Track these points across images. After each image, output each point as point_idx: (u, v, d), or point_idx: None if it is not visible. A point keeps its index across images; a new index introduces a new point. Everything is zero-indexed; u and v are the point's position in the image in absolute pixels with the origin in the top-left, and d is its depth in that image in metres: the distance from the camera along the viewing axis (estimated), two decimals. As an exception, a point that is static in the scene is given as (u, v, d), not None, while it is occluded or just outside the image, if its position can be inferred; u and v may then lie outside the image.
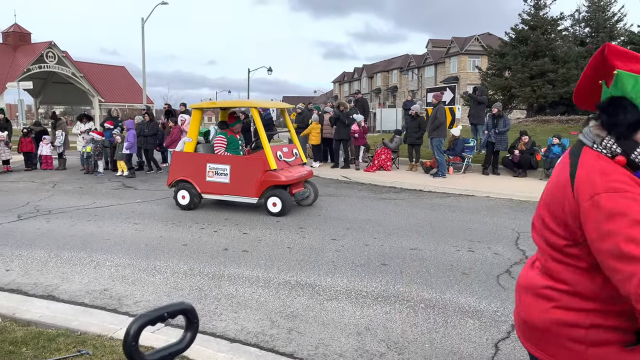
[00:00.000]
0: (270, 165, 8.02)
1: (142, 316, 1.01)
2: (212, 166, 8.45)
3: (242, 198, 8.33)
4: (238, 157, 8.52)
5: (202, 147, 9.14)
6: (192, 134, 8.83)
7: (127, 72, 44.57)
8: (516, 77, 24.94)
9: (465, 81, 50.34)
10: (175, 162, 8.93)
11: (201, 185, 8.52)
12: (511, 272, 5.32)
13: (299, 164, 8.99)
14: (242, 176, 8.23)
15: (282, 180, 8.06)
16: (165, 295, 4.72)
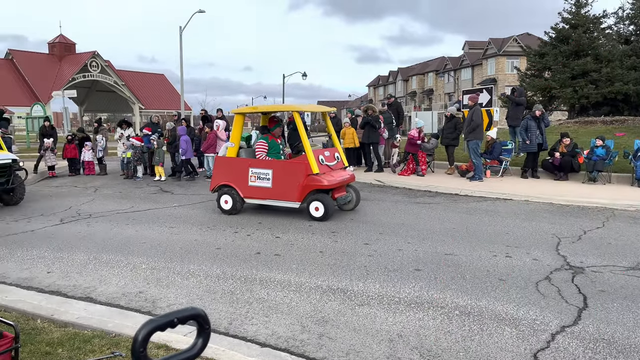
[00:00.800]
0: (312, 170, 7.93)
1: (150, 322, 0.99)
2: (255, 171, 8.41)
3: (284, 202, 8.27)
4: (280, 162, 8.47)
5: (244, 152, 9.10)
6: (234, 138, 8.83)
7: (166, 79, 45.72)
8: (557, 77, 24.17)
9: (503, 83, 49.24)
10: (218, 167, 8.91)
11: (244, 189, 8.51)
12: (551, 279, 5.11)
13: (340, 167, 8.84)
14: (284, 180, 8.17)
15: (324, 185, 7.96)
16: (198, 298, 4.76)
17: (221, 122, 14.41)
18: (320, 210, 7.96)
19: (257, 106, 9.47)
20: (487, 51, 53.74)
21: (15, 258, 6.24)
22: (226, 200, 8.63)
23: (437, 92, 64.88)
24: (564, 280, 5.07)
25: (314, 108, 10.24)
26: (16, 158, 10.12)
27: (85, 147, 15.48)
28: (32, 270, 5.71)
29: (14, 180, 9.81)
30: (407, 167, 13.82)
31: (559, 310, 4.29)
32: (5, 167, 9.69)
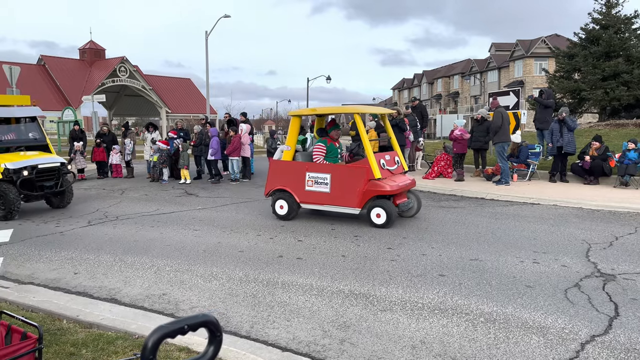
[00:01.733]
0: (374, 174, 7.62)
1: (160, 328, 0.97)
2: (312, 175, 8.14)
3: (343, 208, 7.97)
4: (339, 166, 8.16)
5: (301, 156, 8.83)
6: (290, 142, 8.55)
7: (192, 83, 46.38)
8: (587, 79, 23.60)
9: (531, 85, 48.36)
10: (273, 171, 8.64)
11: (300, 194, 8.25)
12: (581, 286, 4.96)
13: (400, 172, 8.50)
14: (344, 185, 7.88)
15: (387, 190, 7.63)
16: (220, 301, 4.77)
17: (245, 126, 14.51)
18: (382, 217, 7.66)
19: (315, 108, 9.06)
20: (514, 53, 52.87)
21: (44, 259, 6.39)
22: (281, 205, 8.44)
23: (463, 94, 64.13)
24: (595, 287, 4.91)
25: (374, 110, 9.67)
26: (64, 161, 10.14)
27: (113, 151, 15.81)
28: (59, 271, 5.83)
29: (63, 183, 9.79)
30: (431, 170, 13.66)
31: (589, 319, 4.15)
32: (54, 170, 9.66)
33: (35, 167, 9.24)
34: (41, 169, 9.35)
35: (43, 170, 9.39)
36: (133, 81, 37.41)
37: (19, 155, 9.40)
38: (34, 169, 9.20)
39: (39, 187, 9.32)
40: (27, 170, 9.06)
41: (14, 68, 15.31)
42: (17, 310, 4.50)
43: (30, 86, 30.21)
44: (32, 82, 32.12)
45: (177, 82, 44.96)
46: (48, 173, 9.51)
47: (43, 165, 9.40)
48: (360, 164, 7.99)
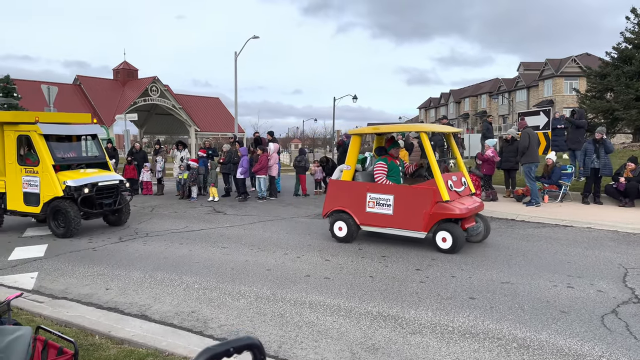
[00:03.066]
0: (442, 196, 7.22)
1: (207, 350, 0.99)
2: (373, 196, 7.80)
3: (407, 232, 7.57)
4: (403, 187, 7.77)
5: (361, 176, 8.51)
6: (350, 161, 8.28)
7: (220, 102, 47.20)
8: (620, 99, 23.11)
9: (561, 104, 47.56)
10: (332, 191, 8.38)
11: (360, 216, 7.94)
12: (618, 312, 4.79)
13: (468, 194, 8.06)
14: (408, 207, 7.50)
15: (456, 214, 7.19)
16: (248, 320, 4.78)
17: (273, 145, 14.66)
18: (449, 242, 7.26)
19: (378, 126, 8.63)
20: (543, 72, 52.20)
21: (77, 274, 6.53)
22: (340, 227, 8.13)
23: (491, 114, 63.43)
24: (633, 314, 4.74)
25: (438, 128, 9.07)
26: (123, 179, 10.15)
27: (144, 168, 16.15)
28: (92, 287, 5.94)
29: (121, 201, 9.83)
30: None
31: (627, 347, 4.00)
32: (113, 187, 9.69)
33: (96, 185, 9.30)
34: (101, 187, 9.41)
35: (103, 188, 9.46)
36: (164, 100, 38.32)
37: (80, 173, 9.44)
38: (94, 187, 9.26)
39: (98, 205, 9.38)
40: (87, 187, 9.11)
41: (51, 88, 15.88)
42: (52, 325, 4.60)
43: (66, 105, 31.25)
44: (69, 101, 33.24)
45: (206, 101, 45.84)
46: (107, 191, 9.58)
47: (103, 183, 9.47)
48: (426, 185, 7.56)
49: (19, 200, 9.42)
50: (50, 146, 9.25)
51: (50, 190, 9.01)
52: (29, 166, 9.26)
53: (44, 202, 9.09)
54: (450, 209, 7.23)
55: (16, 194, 9.44)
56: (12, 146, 9.41)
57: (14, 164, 9.42)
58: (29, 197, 9.28)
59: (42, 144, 9.13)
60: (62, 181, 8.99)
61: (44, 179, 9.08)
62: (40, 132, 9.08)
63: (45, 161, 9.04)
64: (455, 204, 7.34)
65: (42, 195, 9.10)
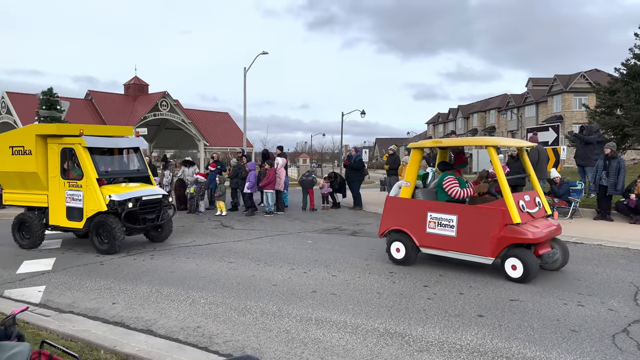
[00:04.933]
0: (512, 219, 6.50)
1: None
2: (435, 216, 7.17)
3: (472, 256, 6.89)
4: (468, 207, 7.13)
5: (421, 193, 7.86)
6: (410, 177, 7.71)
7: (229, 117, 47.56)
8: (630, 114, 22.99)
9: (570, 120, 47.39)
10: (389, 209, 7.81)
11: (420, 237, 7.32)
12: (629, 331, 4.70)
13: (542, 216, 7.25)
14: (473, 230, 6.82)
15: (529, 238, 6.44)
16: (254, 335, 4.75)
17: (280, 159, 14.71)
18: (519, 270, 6.45)
19: (442, 139, 8.05)
20: (552, 88, 52.12)
21: (84, 288, 6.54)
22: (398, 248, 7.54)
23: (500, 129, 63.30)
24: (645, 334, 4.65)
25: (510, 142, 8.26)
26: (166, 193, 9.91)
27: (152, 182, 16.26)
28: (98, 301, 5.94)
29: (164, 217, 9.58)
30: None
31: (640, 368, 3.91)
32: (156, 202, 9.44)
33: (139, 199, 9.07)
34: (144, 201, 9.17)
35: (146, 203, 9.22)
36: (173, 115, 38.67)
37: (123, 187, 9.22)
38: (138, 201, 9.01)
39: (141, 220, 9.14)
40: (131, 202, 8.88)
41: (64, 103, 16.13)
42: (57, 339, 4.60)
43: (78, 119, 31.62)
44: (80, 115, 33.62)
45: (216, 115, 46.20)
46: (150, 205, 9.34)
47: (146, 198, 9.24)
48: (494, 205, 6.82)
49: (61, 215, 9.16)
50: (94, 159, 9.02)
51: (94, 204, 8.75)
52: (72, 180, 9.02)
53: (87, 217, 8.83)
54: (521, 232, 6.45)
55: (59, 209, 9.18)
56: (56, 159, 9.14)
57: (57, 178, 9.17)
58: (72, 212, 9.02)
59: (87, 157, 8.88)
60: (105, 195, 8.75)
61: (87, 193, 8.82)
62: (85, 144, 8.84)
63: (90, 175, 8.80)
64: (528, 227, 6.56)
65: (86, 210, 8.84)
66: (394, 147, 16.21)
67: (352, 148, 16.76)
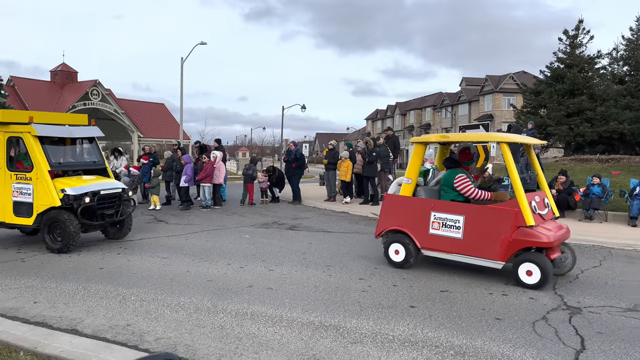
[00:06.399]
0: (525, 221, 6.08)
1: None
2: (439, 216, 6.69)
3: (480, 260, 6.42)
4: (476, 207, 6.57)
5: (423, 191, 7.30)
6: (411, 173, 7.13)
7: (165, 108, 46.12)
8: (552, 115, 24.51)
9: (500, 119, 49.81)
10: (388, 207, 7.30)
11: (422, 238, 6.84)
12: (548, 319, 5.02)
13: (551, 217, 6.86)
14: (482, 231, 6.36)
15: (543, 242, 6.02)
16: (187, 332, 4.64)
17: (218, 152, 14.45)
18: (535, 276, 6.02)
19: (449, 134, 7.43)
20: (484, 88, 54.57)
21: (2, 287, 6.11)
22: (397, 250, 7.07)
23: (435, 127, 65.49)
24: (561, 320, 4.98)
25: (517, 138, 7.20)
26: (125, 187, 9.20)
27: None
28: (18, 300, 5.58)
29: (123, 212, 8.95)
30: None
31: (556, 352, 4.18)
32: (115, 196, 8.78)
33: (97, 194, 8.37)
34: (103, 195, 8.49)
35: (104, 197, 8.54)
36: (105, 105, 36.96)
37: (78, 180, 8.44)
38: (96, 195, 8.32)
39: (99, 216, 8.45)
40: (88, 196, 8.17)
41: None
42: (-30, 341, 4.28)
43: (-3, 107, 29.53)
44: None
45: (151, 106, 44.64)
46: (109, 200, 8.66)
47: (105, 192, 8.54)
48: (507, 205, 6.38)
49: (7, 211, 8.31)
50: (45, 150, 8.22)
51: (45, 199, 8.02)
52: (20, 172, 8.23)
53: (37, 213, 8.09)
54: (536, 236, 6.04)
55: (5, 204, 8.32)
56: (1, 149, 8.32)
57: (2, 170, 8.35)
58: (20, 207, 8.20)
59: (37, 147, 8.08)
60: (59, 189, 8.04)
61: (38, 186, 8.06)
62: (35, 133, 8.07)
63: (41, 166, 8.04)
64: (541, 229, 6.17)
65: (36, 205, 8.09)
66: (333, 142, 16.34)
67: (291, 142, 16.74)
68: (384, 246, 7.27)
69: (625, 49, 29.02)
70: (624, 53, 28.91)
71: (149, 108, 43.86)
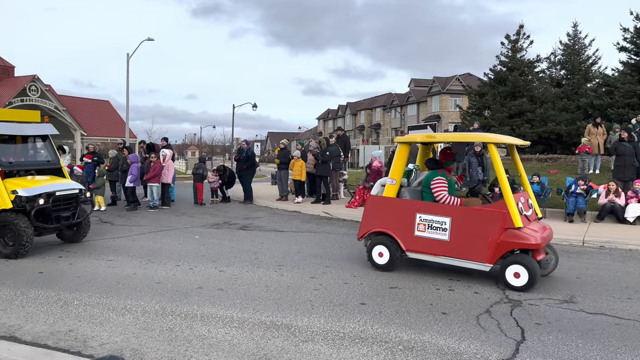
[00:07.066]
0: (514, 222, 6.03)
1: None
2: (425, 217, 6.55)
3: (467, 262, 6.32)
4: (464, 208, 6.47)
5: (407, 192, 7.14)
6: (395, 174, 6.98)
7: (110, 106, 44.58)
8: (495, 116, 25.54)
9: (447, 119, 51.32)
10: (371, 208, 7.10)
11: (407, 240, 6.67)
12: (491, 312, 5.23)
13: (535, 218, 6.81)
14: (469, 233, 6.27)
15: (531, 244, 6.00)
16: (134, 336, 4.51)
17: (168, 151, 14.12)
18: (523, 278, 5.95)
19: (434, 134, 7.29)
20: (431, 89, 56.06)
21: None
22: (380, 252, 6.87)
23: (385, 126, 66.68)
24: (503, 313, 5.20)
25: (503, 139, 7.09)
26: (82, 188, 8.64)
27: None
28: (-51, 308, 5.25)
29: (80, 214, 8.45)
30: (354, 199, 13.96)
31: (498, 344, 4.37)
32: (71, 198, 8.24)
33: (52, 195, 7.88)
34: (58, 197, 7.98)
35: (60, 198, 8.01)
36: (45, 101, 35.25)
37: (31, 181, 7.97)
38: (50, 197, 7.83)
39: (54, 218, 7.96)
40: (42, 198, 7.68)
41: None
42: None
43: None
44: None
45: (94, 103, 43.00)
46: (65, 201, 8.14)
47: (60, 193, 8.02)
48: (495, 206, 6.34)
49: None
50: None
51: None
52: None
53: None
54: (524, 237, 6.01)
55: None
56: None
57: None
58: None
59: None
60: (10, 190, 7.55)
61: None
62: None
63: None
64: (529, 231, 6.15)
65: None
66: (285, 142, 16.34)
67: (243, 141, 16.58)
68: (367, 248, 7.09)
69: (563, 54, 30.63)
70: (561, 58, 30.52)
71: (92, 105, 42.24)
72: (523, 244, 6.02)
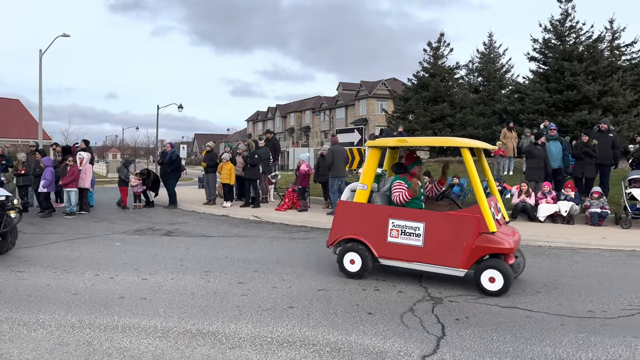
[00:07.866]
0: (488, 227, 5.98)
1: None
2: (398, 223, 6.42)
3: (441, 268, 6.24)
4: (437, 214, 6.39)
5: (379, 197, 6.96)
6: (366, 179, 6.76)
7: (21, 105, 41.62)
8: (419, 120, 26.56)
9: (373, 123, 52.68)
10: (342, 215, 6.89)
11: (379, 247, 6.52)
12: (414, 310, 5.42)
13: (504, 222, 6.79)
14: (443, 239, 6.17)
15: (505, 248, 5.96)
16: (48, 352, 4.23)
17: (85, 154, 13.38)
18: (498, 282, 5.92)
19: (406, 138, 7.17)
20: (359, 93, 57.32)
21: None
22: (352, 259, 6.67)
23: (314, 129, 67.28)
24: (425, 310, 5.41)
25: (478, 144, 6.88)
26: (9, 194, 8.05)
27: None
28: None
29: (6, 223, 7.80)
30: (283, 202, 13.96)
31: (421, 340, 4.54)
32: None
33: None
34: None
35: None
36: (-55, 99, 32.31)
37: None
38: None
39: None
40: None
41: None
42: None
43: None
44: None
45: (3, 102, 39.95)
46: None
47: None
48: (468, 211, 6.23)
49: None
50: None
51: None
52: None
53: None
54: (498, 242, 5.98)
55: None
56: None
57: None
58: None
59: None
60: None
61: None
62: None
63: None
64: (502, 235, 6.12)
65: None
66: (211, 144, 16.00)
67: (168, 144, 16.06)
68: (338, 256, 6.86)
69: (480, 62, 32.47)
70: (478, 65, 32.33)
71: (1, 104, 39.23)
72: (498, 248, 5.99)
